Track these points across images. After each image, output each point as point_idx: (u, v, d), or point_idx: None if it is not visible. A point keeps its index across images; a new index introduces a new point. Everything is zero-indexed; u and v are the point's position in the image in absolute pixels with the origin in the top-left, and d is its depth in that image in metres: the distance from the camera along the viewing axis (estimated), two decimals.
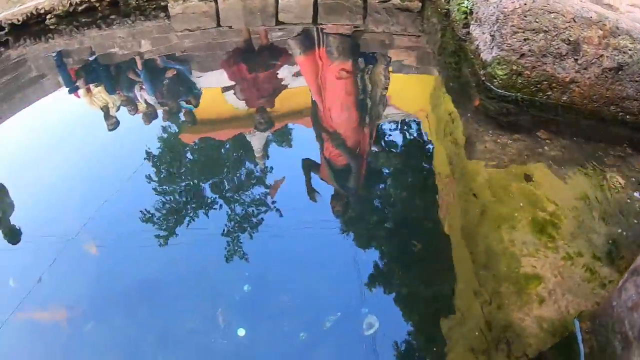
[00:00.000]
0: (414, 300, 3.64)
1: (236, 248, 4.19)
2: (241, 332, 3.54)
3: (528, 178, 3.96)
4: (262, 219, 4.44)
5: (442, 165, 4.55)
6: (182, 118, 6.24)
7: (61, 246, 4.44)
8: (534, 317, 3.03)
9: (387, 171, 4.79)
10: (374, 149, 4.97)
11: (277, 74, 5.93)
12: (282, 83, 5.96)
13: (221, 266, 4.05)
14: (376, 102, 5.32)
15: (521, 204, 3.76)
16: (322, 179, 4.69)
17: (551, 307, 3.06)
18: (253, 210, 4.54)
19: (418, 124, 5.27)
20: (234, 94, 6.04)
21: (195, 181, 5.12)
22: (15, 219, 4.99)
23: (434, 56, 5.84)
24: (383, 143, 5.05)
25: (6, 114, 7.13)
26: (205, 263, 4.12)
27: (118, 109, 6.69)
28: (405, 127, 5.20)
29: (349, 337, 3.42)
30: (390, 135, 5.17)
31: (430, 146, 4.93)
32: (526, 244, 3.46)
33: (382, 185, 4.68)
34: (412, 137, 5.11)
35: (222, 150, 5.62)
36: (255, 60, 6.01)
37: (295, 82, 6.03)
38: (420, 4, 6.51)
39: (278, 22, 6.00)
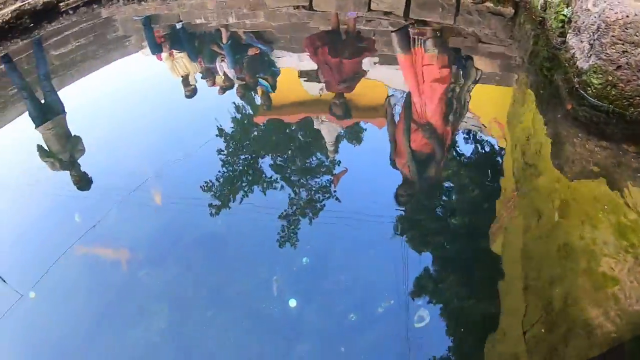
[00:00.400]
0: (471, 298, 3.53)
1: (301, 222, 4.17)
2: (292, 303, 3.50)
3: (612, 185, 3.79)
4: (327, 203, 4.41)
5: (509, 178, 4.42)
6: (257, 97, 6.30)
7: (128, 194, 4.54)
8: (610, 312, 2.91)
9: (454, 176, 4.68)
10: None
11: (361, 62, 5.86)
12: (364, 72, 5.90)
13: (284, 236, 4.04)
14: (462, 102, 5.23)
15: (605, 206, 3.61)
16: (395, 165, 4.64)
17: (626, 308, 2.92)
18: (319, 195, 4.51)
19: (490, 132, 5.12)
20: (315, 76, 6.01)
21: (263, 158, 5.12)
22: (85, 166, 5.13)
23: (523, 63, 5.68)
24: (454, 149, 4.94)
25: (89, 69, 7.38)
26: (267, 231, 4.10)
27: (196, 77, 6.80)
28: (477, 135, 5.06)
29: (398, 326, 3.32)
30: (462, 141, 5.06)
31: (499, 158, 4.79)
32: (607, 245, 3.32)
33: (446, 189, 4.58)
34: (482, 146, 4.97)
35: (292, 132, 5.61)
36: (340, 46, 5.96)
37: (376, 75, 5.96)
38: (513, 10, 6.36)
39: (369, 10, 5.91)
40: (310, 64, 6.52)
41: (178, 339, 3.41)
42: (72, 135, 5.80)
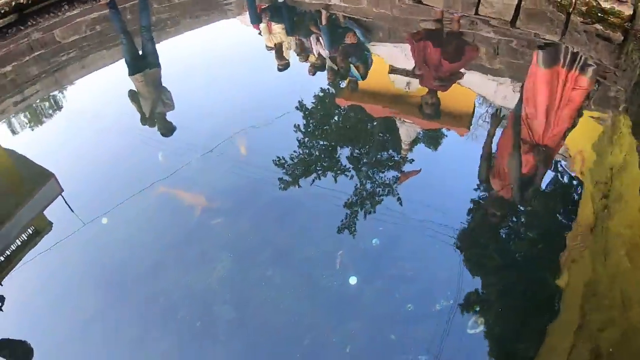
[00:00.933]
0: (517, 326, 3.40)
1: (372, 211, 4.15)
2: (353, 280, 3.49)
3: None
4: (395, 200, 4.32)
5: (584, 213, 4.22)
6: (343, 82, 6.29)
7: (210, 149, 4.68)
8: None
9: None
10: None
11: (459, 66, 5.75)
12: (461, 75, 5.78)
13: (353, 219, 4.03)
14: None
15: None
16: (489, 185, 4.52)
17: None
18: (388, 190, 4.45)
19: (573, 164, 4.88)
20: (406, 73, 5.94)
21: (340, 142, 5.13)
22: (170, 117, 5.28)
23: (625, 93, 5.44)
24: None
25: (188, 27, 7.57)
26: (338, 209, 4.11)
27: (290, 53, 6.87)
28: (557, 164, 4.83)
29: (451, 327, 3.27)
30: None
31: (576, 191, 4.56)
32: None
33: (517, 213, 4.41)
34: (561, 176, 4.75)
35: (371, 123, 5.57)
36: (441, 46, 5.86)
37: (468, 81, 5.83)
38: (622, 37, 6.10)
39: (477, 13, 5.77)
40: (402, 60, 6.46)
41: (235, 290, 3.50)
42: (163, 88, 5.96)
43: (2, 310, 3.75)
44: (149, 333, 3.37)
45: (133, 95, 5.79)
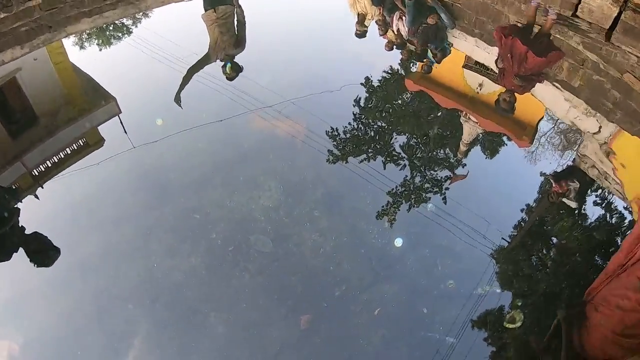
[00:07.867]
0: None
1: (417, 204, 3.89)
2: (398, 242, 3.36)
3: None
4: (443, 199, 4.08)
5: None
6: (416, 65, 6.14)
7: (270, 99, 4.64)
8: None
9: (568, 231, 4.17)
10: None
11: (545, 64, 5.50)
12: (541, 80, 5.53)
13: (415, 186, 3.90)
14: None
15: None
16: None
17: None
18: (438, 187, 4.22)
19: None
20: (495, 62, 5.72)
21: (397, 127, 5.02)
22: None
23: None
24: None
25: None
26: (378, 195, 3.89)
27: (371, 22, 6.71)
28: (612, 201, 4.50)
29: (486, 316, 3.14)
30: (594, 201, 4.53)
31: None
32: None
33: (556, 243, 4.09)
34: (610, 213, 4.40)
35: (434, 114, 5.41)
36: (531, 40, 5.62)
37: (540, 91, 5.59)
38: None
39: (574, 16, 5.50)
40: (482, 54, 6.23)
41: (277, 223, 3.40)
42: (236, 32, 5.78)
43: (38, 199, 3.74)
44: (182, 246, 3.27)
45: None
